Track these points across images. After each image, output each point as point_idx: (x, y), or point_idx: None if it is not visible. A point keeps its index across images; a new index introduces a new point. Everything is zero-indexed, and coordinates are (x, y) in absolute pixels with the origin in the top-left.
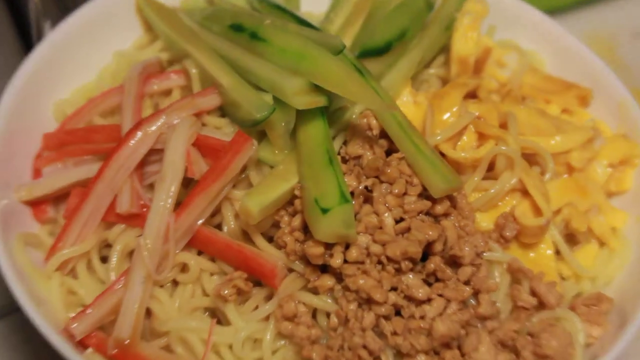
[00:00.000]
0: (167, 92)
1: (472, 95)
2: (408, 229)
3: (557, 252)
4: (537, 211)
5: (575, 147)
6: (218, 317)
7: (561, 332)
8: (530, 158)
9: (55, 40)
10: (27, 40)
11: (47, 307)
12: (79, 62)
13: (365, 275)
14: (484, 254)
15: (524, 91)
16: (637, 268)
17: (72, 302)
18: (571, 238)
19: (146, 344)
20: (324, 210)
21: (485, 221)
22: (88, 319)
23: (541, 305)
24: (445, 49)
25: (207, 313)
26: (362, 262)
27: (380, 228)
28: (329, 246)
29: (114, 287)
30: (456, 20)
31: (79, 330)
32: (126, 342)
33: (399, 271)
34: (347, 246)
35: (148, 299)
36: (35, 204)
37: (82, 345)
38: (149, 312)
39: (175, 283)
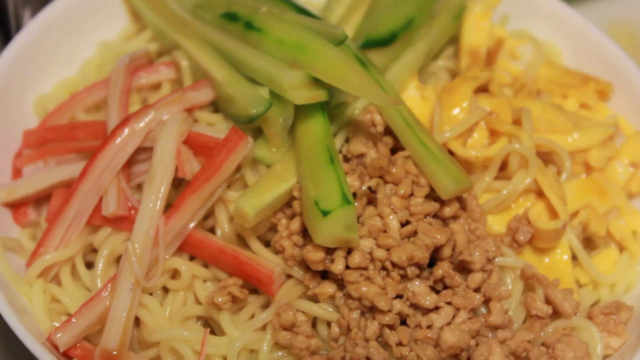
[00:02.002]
0: (156, 86)
1: (483, 89)
2: (414, 233)
3: (574, 258)
4: (553, 214)
5: (594, 145)
6: (211, 326)
7: (578, 342)
8: (546, 157)
9: (35, 30)
10: (5, 30)
11: (29, 316)
12: (61, 53)
13: (368, 282)
14: (496, 259)
15: (539, 85)
16: None
17: (55, 311)
18: (589, 242)
19: (135, 355)
20: (325, 213)
21: (497, 224)
22: (73, 329)
23: (556, 314)
24: (454, 40)
25: (199, 322)
26: (365, 268)
27: (385, 231)
28: (329, 251)
29: (100, 295)
30: (466, 8)
31: (64, 341)
32: (113, 354)
33: (404, 277)
34: (349, 251)
35: (137, 307)
36: (15, 206)
37: (66, 356)
38: (137, 321)
39: (165, 290)
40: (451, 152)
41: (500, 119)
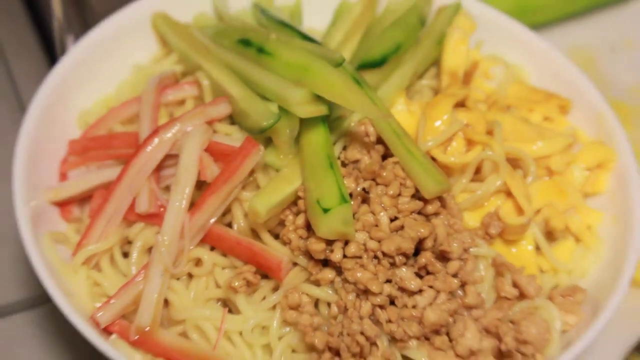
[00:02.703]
0: (181, 102)
1: (461, 104)
2: (402, 227)
3: (537, 248)
4: (520, 211)
5: (555, 152)
6: (229, 306)
7: (539, 320)
8: (514, 162)
9: (78, 53)
10: (51, 54)
11: (75, 298)
12: (100, 74)
13: (362, 269)
14: (471, 249)
15: (508, 101)
16: (609, 263)
17: (97, 293)
18: (550, 235)
19: (164, 331)
20: (325, 210)
21: (472, 220)
22: (112, 309)
23: (522, 296)
24: (436, 62)
25: (219, 303)
26: (360, 257)
27: (377, 226)
28: (329, 242)
29: (135, 280)
30: (446, 35)
31: (104, 318)
32: (146, 329)
33: (393, 265)
34: (346, 242)
35: (166, 290)
36: (62, 205)
37: (106, 332)
38: (166, 302)
39: (190, 276)
40: (433, 158)
41: (475, 130)
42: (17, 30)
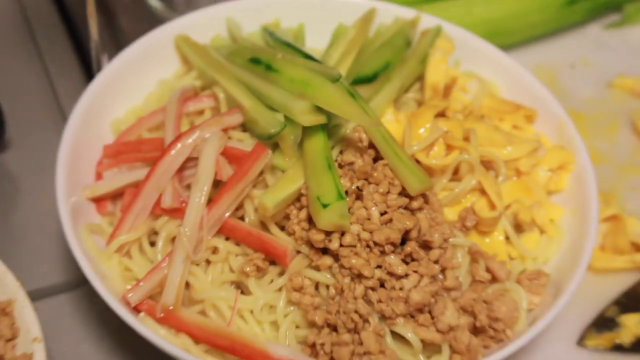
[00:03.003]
0: (200, 112)
1: (441, 114)
2: (390, 220)
3: (507, 238)
4: (492, 206)
5: (522, 156)
6: (242, 288)
7: (509, 300)
8: (487, 164)
9: (111, 70)
10: (89, 71)
11: (109, 281)
12: (130, 88)
13: (356, 256)
14: (450, 239)
15: (482, 111)
16: (569, 251)
17: (127, 277)
18: (519, 227)
19: (186, 309)
20: (325, 205)
21: (451, 214)
22: (141, 290)
23: (494, 279)
24: (420, 78)
25: (233, 285)
26: (354, 246)
27: (369, 219)
28: (328, 233)
29: (160, 265)
30: (429, 55)
31: (134, 298)
32: (170, 308)
33: (383, 253)
34: (343, 233)
35: (187, 274)
36: (97, 201)
37: (136, 310)
38: (187, 285)
39: (208, 262)
40: (418, 161)
41: (454, 136)
42: (60, 51)
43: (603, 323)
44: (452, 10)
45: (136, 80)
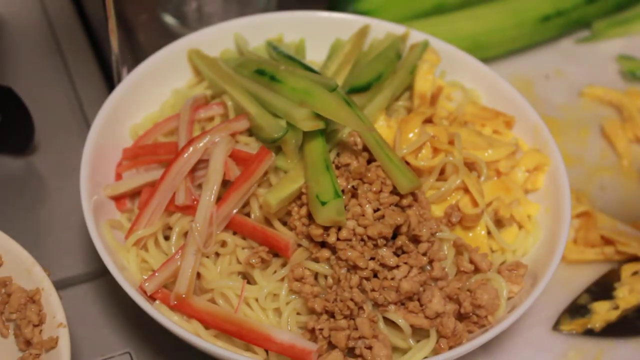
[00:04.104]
0: (211, 119)
1: (429, 120)
2: (383, 216)
3: (489, 233)
4: (475, 203)
5: (502, 158)
6: (248, 278)
7: (490, 288)
8: (470, 166)
9: (131, 81)
10: (110, 82)
11: (127, 272)
12: (148, 97)
13: (352, 249)
14: (437, 234)
15: (465, 118)
16: (544, 244)
17: (144, 268)
18: (499, 223)
19: (197, 297)
20: (323, 203)
21: (438, 211)
22: (156, 280)
23: (476, 270)
24: (409, 87)
25: (240, 276)
26: (350, 240)
27: (363, 215)
28: (326, 228)
29: (174, 258)
30: (418, 66)
31: (150, 288)
32: (183, 296)
33: (376, 246)
34: (340, 228)
35: (198, 265)
36: (117, 199)
37: (151, 298)
38: (199, 275)
39: (217, 255)
40: (407, 163)
41: (440, 140)
42: (84, 64)
43: (576, 310)
44: (439, 26)
45: (153, 89)
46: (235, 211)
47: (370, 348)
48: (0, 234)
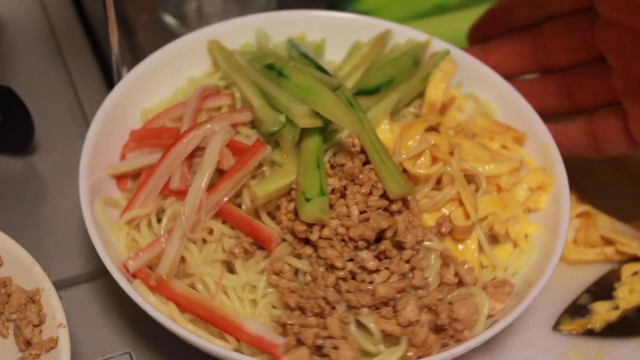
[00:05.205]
0: (219, 108)
1: (434, 129)
2: (367, 219)
3: (481, 248)
4: (467, 216)
5: (503, 173)
6: (232, 268)
7: (470, 303)
8: (470, 178)
9: (148, 65)
10: (110, 81)
11: (114, 249)
12: (164, 82)
13: (332, 248)
14: (426, 243)
15: (475, 130)
16: (536, 264)
17: (133, 248)
18: (495, 239)
19: (177, 281)
20: (307, 199)
21: (430, 220)
22: (140, 259)
23: (461, 283)
24: (422, 95)
25: (224, 264)
26: (331, 239)
27: (348, 216)
28: (310, 225)
29: (160, 240)
30: (431, 74)
31: (133, 266)
32: (164, 277)
33: (356, 248)
34: (323, 226)
35: (183, 249)
36: (119, 178)
37: (134, 277)
38: (183, 260)
39: (204, 241)
40: (405, 169)
41: (440, 149)
42: (84, 64)
43: (576, 310)
44: (439, 26)
45: (171, 75)
46: (225, 200)
47: (337, 348)
48: (0, 234)
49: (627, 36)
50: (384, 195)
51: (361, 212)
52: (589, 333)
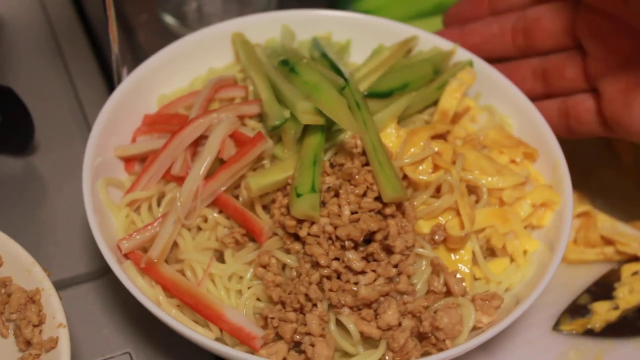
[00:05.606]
0: (231, 99)
1: (442, 137)
2: (358, 220)
3: (476, 260)
4: (463, 227)
5: (507, 187)
6: (223, 257)
7: (455, 313)
8: (472, 189)
9: (169, 53)
10: (110, 82)
11: (111, 230)
12: (185, 71)
13: (318, 246)
14: (418, 249)
15: (485, 142)
16: (531, 283)
17: (131, 230)
18: (492, 252)
19: (167, 265)
20: (299, 195)
21: (425, 227)
22: (133, 241)
23: (448, 293)
24: (436, 102)
25: (216, 253)
26: (319, 237)
27: (339, 215)
28: (300, 221)
29: (154, 223)
30: (447, 83)
31: (126, 246)
32: (154, 260)
33: (343, 248)
34: (312, 223)
35: (176, 235)
36: (127, 160)
37: (125, 257)
38: (177, 245)
39: (199, 229)
40: (406, 174)
41: (442, 158)
42: (84, 64)
43: (576, 310)
44: (439, 26)
45: (192, 64)
46: (223, 189)
47: (313, 346)
48: (0, 234)
49: (608, 22)
50: (379, 198)
51: (353, 213)
52: (589, 333)
